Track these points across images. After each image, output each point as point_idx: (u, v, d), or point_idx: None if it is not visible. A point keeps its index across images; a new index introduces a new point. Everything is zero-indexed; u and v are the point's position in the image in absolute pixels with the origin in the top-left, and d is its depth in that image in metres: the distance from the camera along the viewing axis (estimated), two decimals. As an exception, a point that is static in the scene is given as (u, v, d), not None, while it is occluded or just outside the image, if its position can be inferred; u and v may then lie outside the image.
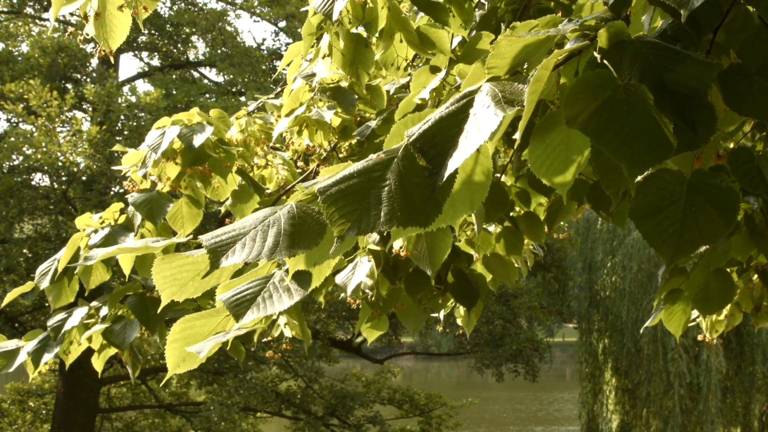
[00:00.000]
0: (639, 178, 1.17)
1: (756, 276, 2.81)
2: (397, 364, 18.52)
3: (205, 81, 16.20)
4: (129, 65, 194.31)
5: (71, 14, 12.80)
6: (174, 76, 15.11)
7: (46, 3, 15.08)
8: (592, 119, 1.09)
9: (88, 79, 14.14)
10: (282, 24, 16.49)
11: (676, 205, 1.27)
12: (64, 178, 12.51)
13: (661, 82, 1.15)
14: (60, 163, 11.90)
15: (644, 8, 1.60)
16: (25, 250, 12.37)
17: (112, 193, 12.83)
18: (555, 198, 2.87)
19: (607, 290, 15.17)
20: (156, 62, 16.67)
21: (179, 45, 15.96)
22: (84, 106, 14.03)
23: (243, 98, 14.11)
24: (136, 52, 16.41)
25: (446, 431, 15.68)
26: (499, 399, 30.38)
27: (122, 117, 12.73)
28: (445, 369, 45.78)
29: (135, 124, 12.69)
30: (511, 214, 2.92)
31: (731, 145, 1.80)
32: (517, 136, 1.04)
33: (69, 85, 14.07)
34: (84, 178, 12.49)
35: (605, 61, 1.16)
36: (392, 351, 19.37)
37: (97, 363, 2.79)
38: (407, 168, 1.04)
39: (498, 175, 2.67)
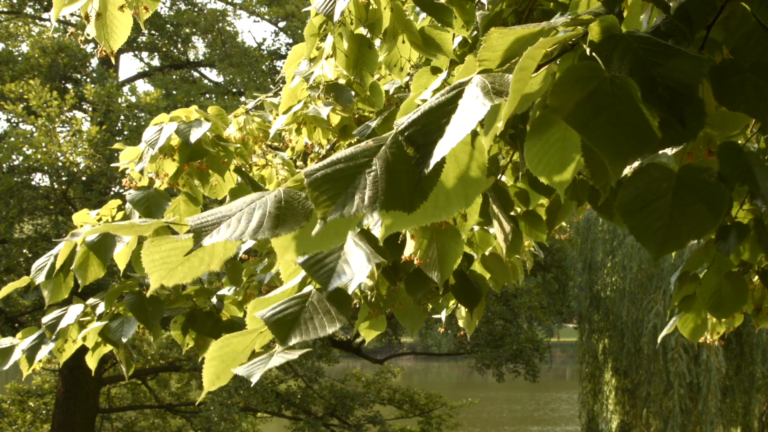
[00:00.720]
0: (626, 171, 1.17)
1: (756, 277, 2.80)
2: (397, 364, 18.52)
3: (205, 81, 16.21)
4: (129, 65, 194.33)
5: (71, 14, 12.80)
6: (174, 77, 15.11)
7: (46, 3, 15.09)
8: (577, 110, 1.09)
9: (88, 79, 14.14)
10: (282, 24, 16.50)
11: (664, 199, 1.27)
12: (64, 178, 12.50)
13: (650, 77, 1.15)
14: (60, 163, 11.90)
15: (642, 6, 1.61)
16: (25, 250, 12.36)
17: (112, 193, 12.83)
18: (554, 198, 2.87)
19: (607, 290, 15.16)
20: (156, 62, 16.69)
21: (179, 45, 15.98)
22: (84, 106, 14.04)
23: (243, 98, 14.12)
24: (136, 52, 16.43)
25: (446, 431, 15.69)
26: (498, 399, 30.37)
27: (122, 117, 12.74)
28: (445, 369, 45.77)
29: (135, 124, 12.70)
30: (511, 213, 2.90)
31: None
32: (500, 124, 1.05)
33: (69, 85, 14.07)
34: (84, 178, 12.48)
35: (594, 54, 1.16)
36: (392, 351, 19.36)
37: (91, 361, 2.79)
38: (395, 155, 1.05)
39: (499, 176, 2.66)
